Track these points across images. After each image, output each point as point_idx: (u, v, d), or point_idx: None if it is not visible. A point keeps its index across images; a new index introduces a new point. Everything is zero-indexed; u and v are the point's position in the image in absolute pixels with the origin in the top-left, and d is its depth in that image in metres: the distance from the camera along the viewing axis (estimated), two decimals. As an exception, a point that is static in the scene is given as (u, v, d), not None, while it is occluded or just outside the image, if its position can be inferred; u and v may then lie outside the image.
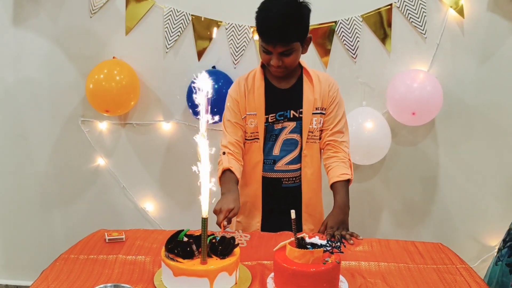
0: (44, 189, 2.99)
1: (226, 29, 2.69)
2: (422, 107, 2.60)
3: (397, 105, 2.66)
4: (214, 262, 1.55)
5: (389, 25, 2.68)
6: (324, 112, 2.11)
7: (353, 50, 2.71)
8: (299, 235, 1.65)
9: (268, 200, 2.15)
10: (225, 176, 2.01)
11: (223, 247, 1.59)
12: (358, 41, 2.70)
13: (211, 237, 1.63)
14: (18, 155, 2.96)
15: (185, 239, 1.64)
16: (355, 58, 2.73)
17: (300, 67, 2.12)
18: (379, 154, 2.72)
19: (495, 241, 2.91)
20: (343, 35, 2.69)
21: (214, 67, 2.73)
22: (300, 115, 2.09)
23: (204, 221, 1.55)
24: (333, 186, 2.07)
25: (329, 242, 1.67)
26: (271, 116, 2.09)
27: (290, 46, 1.96)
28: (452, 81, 2.73)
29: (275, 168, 2.14)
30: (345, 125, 2.16)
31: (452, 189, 2.91)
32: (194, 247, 1.58)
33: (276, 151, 2.13)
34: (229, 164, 2.00)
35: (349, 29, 2.69)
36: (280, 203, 2.14)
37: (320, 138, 2.15)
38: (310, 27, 2.62)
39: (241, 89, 2.11)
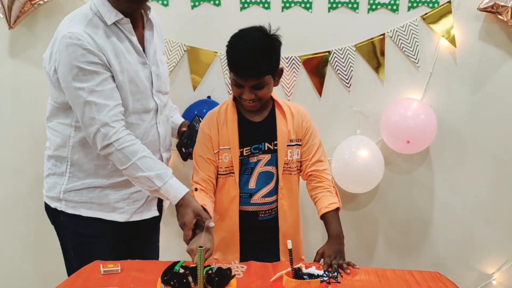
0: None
1: (221, 59, 2.71)
2: (416, 135, 2.62)
3: (392, 134, 2.67)
4: (211, 294, 1.55)
5: (382, 54, 2.70)
6: (299, 143, 2.13)
7: (347, 79, 2.73)
8: (296, 266, 1.65)
9: (245, 233, 2.13)
10: None
11: (219, 279, 1.59)
12: (351, 70, 2.72)
13: (207, 268, 1.63)
14: (15, 188, 2.94)
15: (181, 270, 1.64)
16: (349, 87, 2.75)
17: (272, 99, 2.12)
18: (373, 183, 2.72)
19: (492, 268, 2.93)
20: (337, 65, 2.72)
21: (209, 97, 2.75)
22: (275, 147, 2.09)
23: (201, 251, 1.55)
24: (323, 217, 2.07)
25: (326, 272, 1.67)
26: (246, 150, 2.08)
27: (262, 80, 1.96)
28: (446, 109, 2.75)
29: (251, 202, 2.12)
30: (323, 153, 2.17)
31: (448, 217, 2.91)
32: (190, 278, 1.58)
33: (252, 184, 2.11)
34: (202, 202, 1.96)
35: (342, 58, 2.71)
36: (257, 236, 2.13)
37: (300, 170, 2.16)
38: (304, 57, 2.72)
39: (214, 123, 2.09)
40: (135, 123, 2.01)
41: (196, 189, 2.02)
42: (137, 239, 2.19)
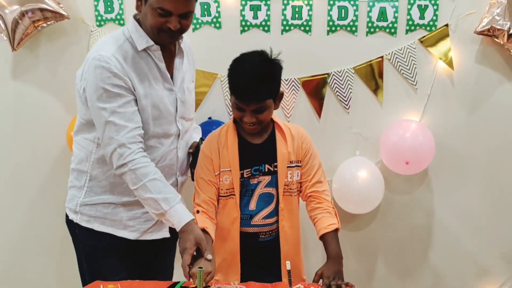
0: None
1: (221, 81, 2.75)
2: (415, 156, 2.64)
3: (391, 155, 2.70)
4: (211, 316, 1.57)
5: (381, 76, 2.74)
6: (300, 164, 2.14)
7: (346, 101, 2.76)
8: (295, 286, 1.67)
9: (245, 255, 2.13)
10: None
11: None
12: (350, 92, 2.75)
13: None
14: (17, 202, 2.96)
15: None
16: (348, 109, 2.78)
17: (272, 121, 2.15)
18: (373, 203, 2.74)
19: None
20: (336, 87, 2.75)
21: (210, 118, 2.78)
22: (275, 169, 2.11)
23: (200, 272, 1.56)
24: (322, 237, 2.08)
25: (327, 293, 1.68)
26: (246, 171, 2.10)
27: (263, 104, 1.99)
28: (444, 131, 2.77)
29: (252, 223, 2.13)
30: (323, 174, 2.18)
31: (447, 238, 2.92)
32: None
33: (252, 206, 2.12)
34: (204, 224, 1.98)
35: (341, 80, 2.74)
36: (258, 257, 2.14)
37: (300, 191, 2.17)
38: (304, 79, 2.76)
39: (214, 146, 2.11)
40: (153, 146, 2.06)
41: (198, 211, 2.04)
42: (150, 259, 2.22)
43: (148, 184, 1.92)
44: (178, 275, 2.43)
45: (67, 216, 2.19)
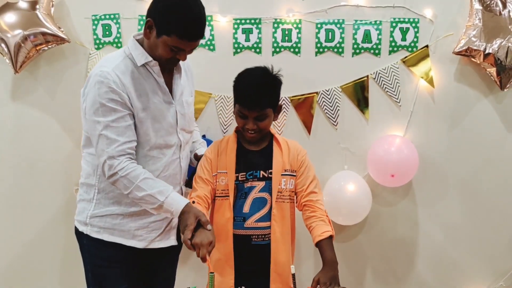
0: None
1: (215, 100, 2.85)
2: (400, 169, 2.74)
3: (377, 168, 2.80)
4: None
5: (366, 94, 2.84)
6: (294, 174, 2.25)
7: (333, 118, 2.87)
8: (299, 292, 1.76)
9: (238, 258, 2.21)
10: None
11: None
12: (338, 109, 2.86)
13: None
14: (14, 226, 2.98)
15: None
16: (336, 125, 2.88)
17: (271, 134, 2.28)
18: (361, 215, 2.84)
19: None
20: (324, 105, 2.86)
21: (204, 136, 2.85)
22: (270, 175, 2.21)
23: (212, 277, 1.66)
24: (318, 245, 2.17)
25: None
26: (241, 175, 2.21)
27: (264, 112, 2.14)
28: (426, 145, 2.88)
29: (245, 225, 2.21)
30: (317, 185, 2.29)
31: (431, 247, 3.00)
32: None
33: (246, 208, 2.21)
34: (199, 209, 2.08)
35: (329, 99, 2.85)
36: (250, 262, 2.21)
37: (292, 200, 2.27)
38: (294, 98, 2.84)
39: (215, 150, 2.26)
40: (156, 157, 2.16)
41: (193, 202, 2.13)
42: (154, 268, 2.29)
43: (140, 184, 2.02)
44: (181, 283, 2.53)
45: (76, 228, 2.26)
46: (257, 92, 2.14)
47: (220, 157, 2.23)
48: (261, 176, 2.22)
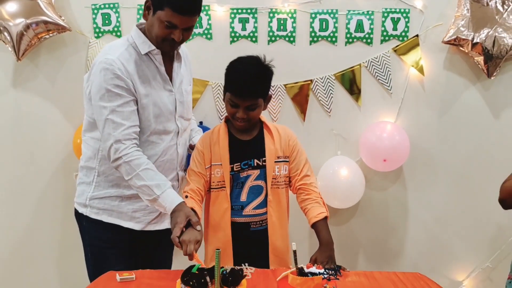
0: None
1: (213, 88, 2.92)
2: (392, 154, 2.84)
3: (369, 153, 2.89)
4: (226, 292, 1.71)
5: (359, 82, 2.93)
6: (287, 160, 2.30)
7: (327, 105, 2.96)
8: (299, 266, 1.85)
9: (237, 244, 2.26)
10: None
11: (233, 278, 1.76)
12: (332, 97, 2.94)
13: (222, 269, 1.79)
14: (15, 210, 3.04)
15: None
16: (329, 112, 2.96)
17: (261, 122, 2.32)
18: (354, 199, 2.93)
19: (462, 276, 3.13)
20: (318, 92, 2.94)
21: (201, 122, 2.93)
22: (264, 163, 2.26)
23: (218, 253, 1.74)
24: (313, 226, 2.24)
25: (326, 270, 1.87)
26: (236, 165, 2.25)
27: (256, 101, 2.18)
28: (417, 131, 2.97)
29: (243, 213, 2.27)
30: (310, 169, 2.35)
31: (420, 230, 3.10)
32: (208, 278, 1.74)
33: (243, 197, 2.26)
34: (191, 205, 2.13)
35: (323, 86, 2.93)
36: (249, 246, 2.26)
37: (287, 185, 2.33)
38: (289, 85, 2.91)
39: (206, 142, 2.27)
40: (155, 142, 2.23)
41: (186, 196, 2.19)
42: (151, 250, 2.36)
43: (141, 173, 2.08)
44: (177, 267, 2.58)
45: (76, 210, 2.33)
46: (249, 82, 2.16)
47: (213, 149, 2.26)
48: (255, 164, 2.26)
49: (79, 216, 2.34)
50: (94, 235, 2.31)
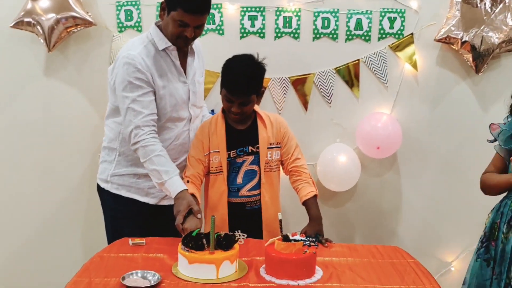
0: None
1: (223, 79, 3.15)
2: (385, 142, 3.01)
3: (365, 141, 3.07)
4: (220, 253, 1.97)
5: (357, 76, 3.08)
6: (278, 146, 2.51)
7: (328, 96, 3.13)
8: (284, 234, 2.10)
9: (233, 221, 2.45)
10: None
11: (226, 242, 2.01)
12: (332, 89, 3.11)
13: (217, 234, 2.04)
14: (46, 186, 3.25)
15: (197, 236, 2.07)
16: (330, 103, 3.13)
17: (254, 112, 2.52)
18: (351, 183, 3.12)
19: (451, 257, 3.28)
20: (320, 84, 3.12)
21: (212, 110, 3.11)
22: (257, 150, 2.47)
23: (213, 220, 2.01)
24: (304, 203, 2.47)
25: (307, 238, 2.12)
26: (232, 152, 2.47)
27: (249, 98, 2.41)
28: (410, 122, 3.12)
29: (239, 195, 2.49)
30: (300, 152, 2.57)
31: (412, 214, 3.25)
32: (204, 241, 2.00)
33: (239, 180, 2.49)
34: (192, 191, 2.35)
35: (324, 79, 3.11)
36: (244, 223, 2.42)
37: (279, 168, 2.55)
38: (293, 78, 3.08)
39: (205, 131, 2.48)
40: (169, 127, 2.49)
41: (188, 181, 2.42)
42: (163, 223, 2.56)
43: (154, 158, 2.33)
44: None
45: (98, 185, 2.62)
46: (243, 82, 2.35)
47: (211, 138, 2.46)
48: (249, 151, 2.49)
49: (101, 191, 2.62)
50: (114, 207, 2.59)
